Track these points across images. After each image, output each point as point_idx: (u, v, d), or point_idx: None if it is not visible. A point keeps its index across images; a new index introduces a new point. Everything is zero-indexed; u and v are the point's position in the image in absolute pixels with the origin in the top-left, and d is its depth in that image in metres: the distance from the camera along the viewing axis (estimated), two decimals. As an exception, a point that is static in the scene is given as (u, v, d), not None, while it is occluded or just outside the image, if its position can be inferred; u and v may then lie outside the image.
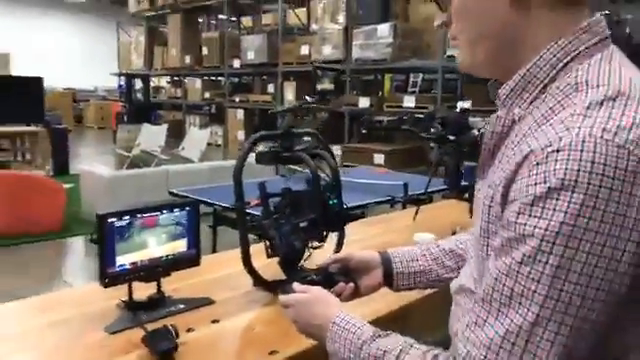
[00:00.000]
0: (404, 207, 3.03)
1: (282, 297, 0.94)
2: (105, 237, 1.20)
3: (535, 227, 0.59)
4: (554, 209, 0.58)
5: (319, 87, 1.36)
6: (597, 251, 0.57)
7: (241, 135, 10.92)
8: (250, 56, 10.79)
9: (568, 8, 0.68)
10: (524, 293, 0.59)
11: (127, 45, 14.56)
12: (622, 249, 0.57)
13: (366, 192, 3.56)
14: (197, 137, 8.02)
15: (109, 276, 1.22)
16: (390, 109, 8.38)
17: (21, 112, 7.20)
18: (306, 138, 1.40)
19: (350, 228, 2.48)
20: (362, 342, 0.76)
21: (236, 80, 12.89)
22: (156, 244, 1.28)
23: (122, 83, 15.22)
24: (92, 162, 7.12)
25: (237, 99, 11.31)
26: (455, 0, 0.73)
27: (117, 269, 1.23)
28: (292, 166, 1.52)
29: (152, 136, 8.09)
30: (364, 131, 9.29)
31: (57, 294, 1.49)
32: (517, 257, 0.60)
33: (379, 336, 0.77)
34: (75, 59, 20.36)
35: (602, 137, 0.57)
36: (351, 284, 1.02)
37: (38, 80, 7.57)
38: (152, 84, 15.21)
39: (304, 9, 11.15)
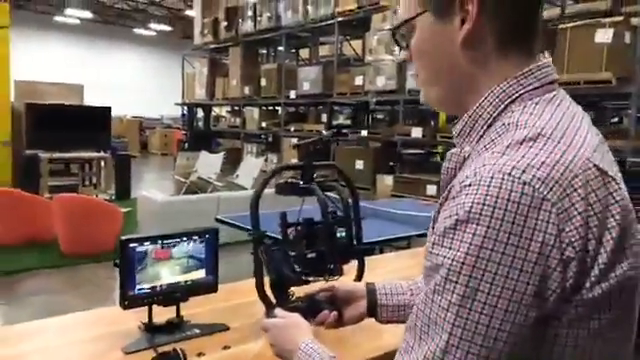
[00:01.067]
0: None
1: (262, 321, 1.01)
2: (126, 261, 1.27)
3: (444, 257, 0.62)
4: (460, 240, 0.60)
5: (335, 122, 1.39)
6: (500, 282, 0.58)
7: (295, 163, 11.14)
8: (306, 87, 11.05)
9: (514, 54, 0.71)
10: (437, 321, 0.62)
11: (191, 76, 15.35)
12: (525, 282, 0.58)
13: (410, 224, 3.53)
14: (251, 165, 8.25)
15: (129, 298, 1.28)
16: (444, 139, 8.27)
17: (90, 139, 7.73)
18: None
19: (386, 260, 2.48)
20: None
21: (292, 110, 13.20)
22: (175, 271, 1.34)
23: (185, 112, 15.97)
24: (153, 187, 7.47)
25: (292, 128, 11.56)
26: (413, 40, 0.76)
27: (137, 292, 1.29)
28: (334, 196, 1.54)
29: (209, 163, 8.41)
30: (391, 163, 9.26)
31: (91, 313, 1.57)
32: (431, 286, 0.63)
33: None
34: (143, 89, 21.64)
35: (510, 174, 0.60)
36: (334, 313, 1.06)
37: (106, 110, 8.10)
38: (213, 113, 15.85)
39: (360, 41, 11.34)
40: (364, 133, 10.52)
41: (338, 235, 1.31)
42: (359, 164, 10.36)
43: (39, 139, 7.38)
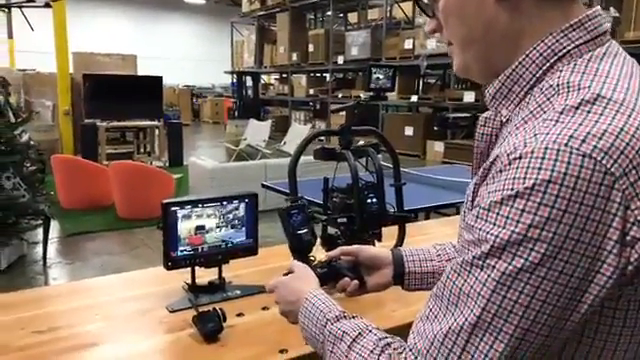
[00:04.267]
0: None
1: (268, 283, 0.97)
2: (169, 224, 1.32)
3: (488, 233, 0.57)
4: (507, 217, 0.56)
5: (373, 85, 1.37)
6: (547, 264, 0.54)
7: (343, 130, 11.08)
8: (354, 52, 10.88)
9: (558, 2, 0.64)
10: (470, 294, 0.58)
11: (240, 44, 15.42)
12: (575, 264, 0.54)
13: (459, 190, 3.47)
14: (298, 132, 8.29)
15: (172, 260, 1.34)
16: (497, 104, 7.97)
17: (143, 108, 7.97)
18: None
19: (429, 226, 2.45)
20: (327, 320, 0.78)
21: (340, 76, 13.07)
22: (215, 233, 1.38)
23: (235, 80, 16.14)
24: (204, 155, 7.66)
25: (340, 95, 11.47)
26: (440, 5, 0.70)
27: (179, 254, 1.34)
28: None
29: (257, 131, 8.52)
30: (436, 128, 8.93)
31: (142, 272, 1.65)
32: (469, 258, 0.59)
33: (344, 317, 0.77)
34: (195, 58, 21.97)
35: (567, 145, 0.54)
36: (355, 281, 1.00)
37: (158, 79, 8.29)
38: (262, 81, 15.94)
39: (410, 2, 10.97)
40: (414, 99, 10.29)
41: (369, 201, 1.29)
42: (409, 130, 10.19)
43: (96, 108, 7.68)
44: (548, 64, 0.63)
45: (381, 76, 1.36)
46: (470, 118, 8.78)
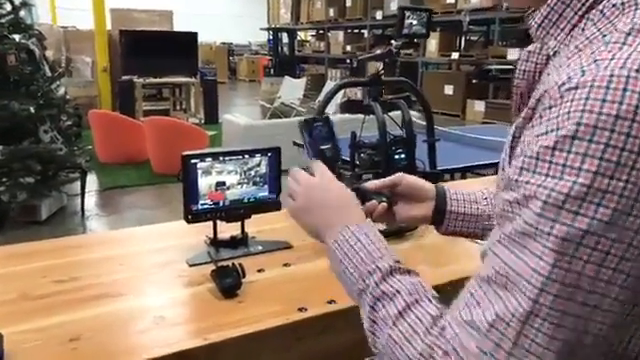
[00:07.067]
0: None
1: (292, 170, 0.83)
2: (189, 177, 1.28)
3: (539, 186, 0.46)
4: (564, 164, 0.45)
5: (406, 30, 1.26)
6: (619, 221, 0.43)
7: (379, 89, 10.84)
8: (393, 7, 10.48)
9: None
10: (523, 272, 0.47)
11: (277, -1, 15.10)
12: None
13: (498, 151, 3.33)
14: (333, 90, 8.14)
15: (192, 213, 1.30)
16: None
17: (179, 65, 7.95)
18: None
19: (463, 186, 2.35)
20: (375, 267, 0.64)
21: (379, 32, 12.67)
22: (237, 190, 1.34)
23: (271, 37, 15.92)
24: (240, 112, 7.65)
25: (378, 51, 11.14)
26: None
27: (200, 207, 1.31)
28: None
29: (292, 89, 8.42)
30: (474, 81, 8.47)
31: (165, 225, 1.63)
32: (517, 226, 0.48)
33: (398, 270, 0.63)
34: (231, 14, 21.68)
35: (638, 71, 0.43)
36: (383, 204, 0.88)
37: (193, 35, 8.22)
38: (298, 38, 15.67)
39: (454, -47, 10.41)
40: (455, 56, 9.91)
41: (397, 157, 1.21)
42: (448, 89, 9.88)
43: (133, 65, 7.71)
44: None
45: (415, 21, 1.24)
46: (513, 71, 8.42)
